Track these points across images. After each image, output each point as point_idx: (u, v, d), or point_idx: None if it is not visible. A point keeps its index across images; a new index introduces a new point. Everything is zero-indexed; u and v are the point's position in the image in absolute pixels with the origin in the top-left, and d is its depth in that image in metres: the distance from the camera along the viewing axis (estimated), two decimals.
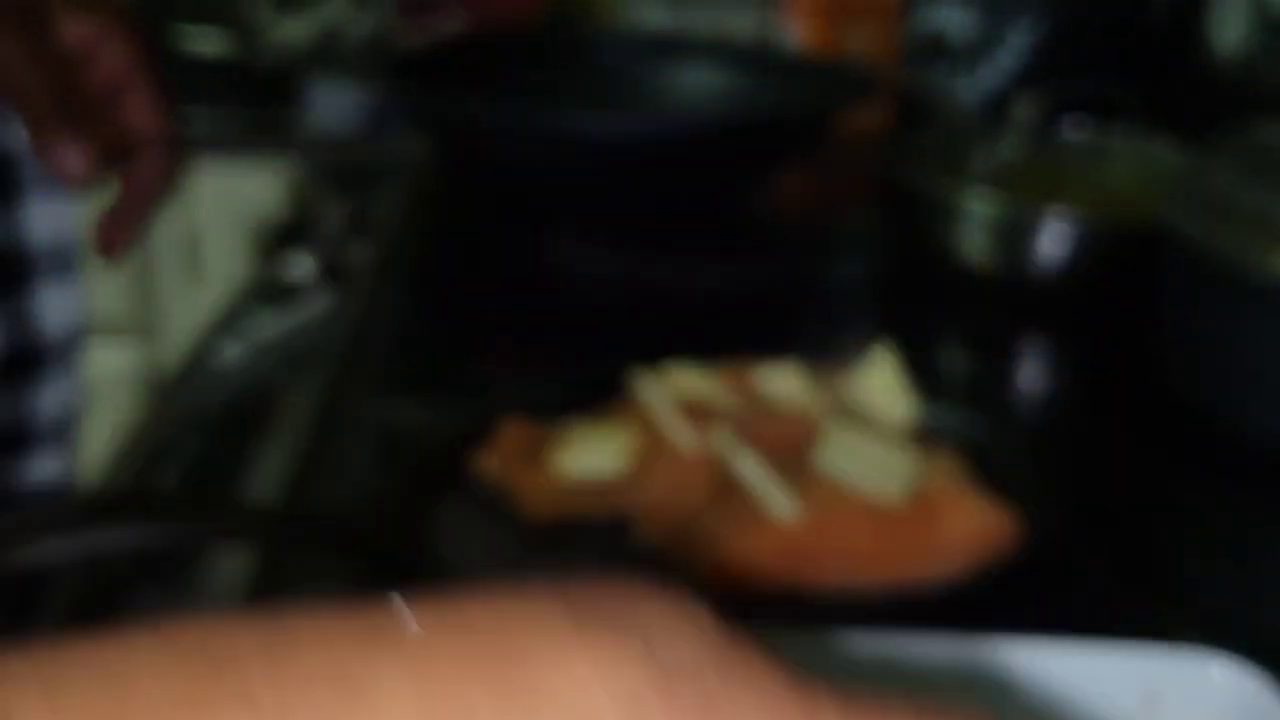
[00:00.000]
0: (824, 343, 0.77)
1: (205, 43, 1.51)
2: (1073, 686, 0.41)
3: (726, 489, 0.53)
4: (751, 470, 0.53)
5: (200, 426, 0.75)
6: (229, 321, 0.86)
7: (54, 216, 0.70)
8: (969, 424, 0.60)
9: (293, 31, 1.55)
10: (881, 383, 0.58)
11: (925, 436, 0.58)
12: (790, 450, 0.54)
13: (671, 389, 0.58)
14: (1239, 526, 0.61)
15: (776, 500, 0.51)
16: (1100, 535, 0.56)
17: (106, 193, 0.61)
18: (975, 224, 0.79)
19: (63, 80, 0.56)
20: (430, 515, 0.53)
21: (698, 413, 0.56)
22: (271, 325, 0.85)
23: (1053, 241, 0.77)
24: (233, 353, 0.83)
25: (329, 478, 0.61)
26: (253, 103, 1.28)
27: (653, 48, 1.06)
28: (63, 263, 0.71)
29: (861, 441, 0.54)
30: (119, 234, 0.62)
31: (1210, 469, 0.64)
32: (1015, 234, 0.77)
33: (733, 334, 0.76)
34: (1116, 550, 0.56)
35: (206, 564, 0.55)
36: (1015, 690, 0.41)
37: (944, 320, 0.83)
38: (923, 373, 0.60)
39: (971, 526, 0.52)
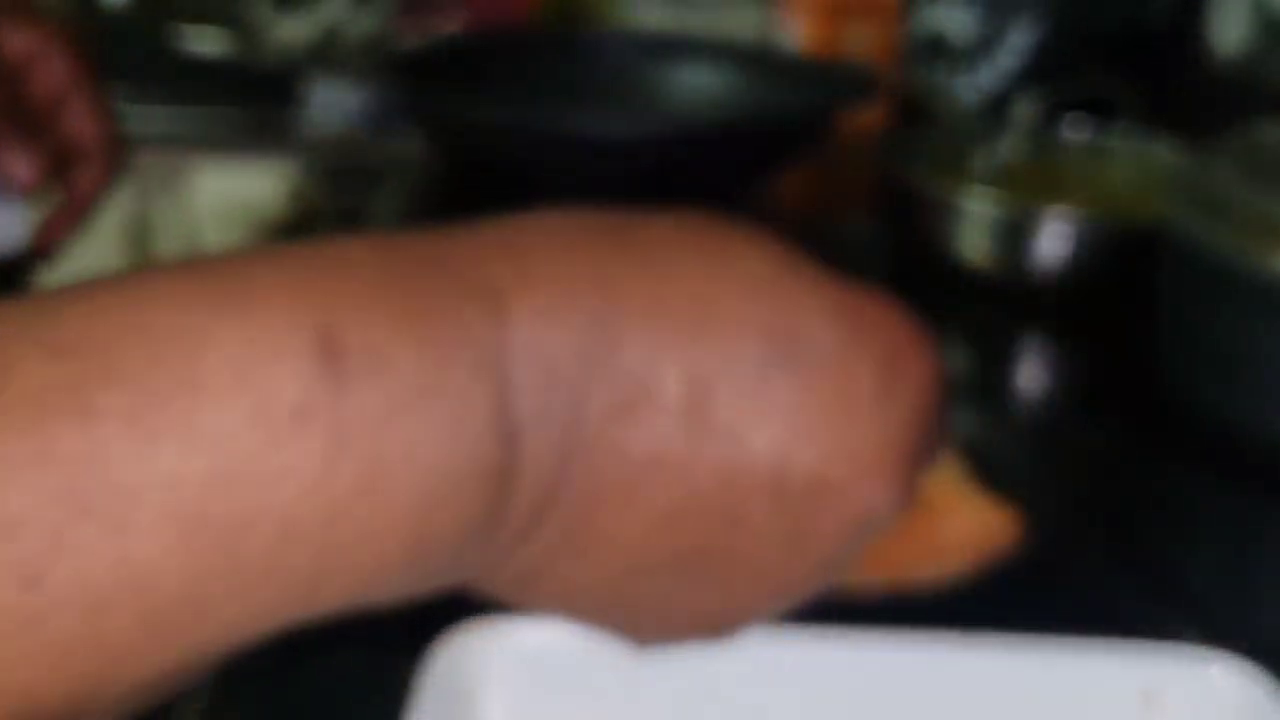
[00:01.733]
0: None
1: (205, 43, 1.51)
2: (1072, 686, 0.41)
3: None
4: None
5: None
6: None
7: (2, 223, 0.72)
8: (969, 424, 0.60)
9: (293, 31, 1.55)
10: None
11: None
12: None
13: None
14: (1239, 526, 0.61)
15: None
16: (1100, 535, 0.56)
17: (49, 198, 0.64)
18: (975, 224, 0.79)
19: (6, 91, 0.58)
20: None
21: None
22: None
23: (1053, 241, 0.77)
24: None
25: None
26: (253, 103, 1.28)
27: (653, 48, 1.06)
28: (12, 267, 0.74)
29: None
30: (57, 236, 0.65)
31: (1210, 469, 0.64)
32: (1015, 234, 0.78)
33: None
34: (1116, 550, 0.56)
35: None
36: (1014, 690, 0.41)
37: (944, 320, 0.82)
38: None
39: (972, 526, 0.52)
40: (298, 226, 1.00)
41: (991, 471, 0.56)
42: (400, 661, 0.40)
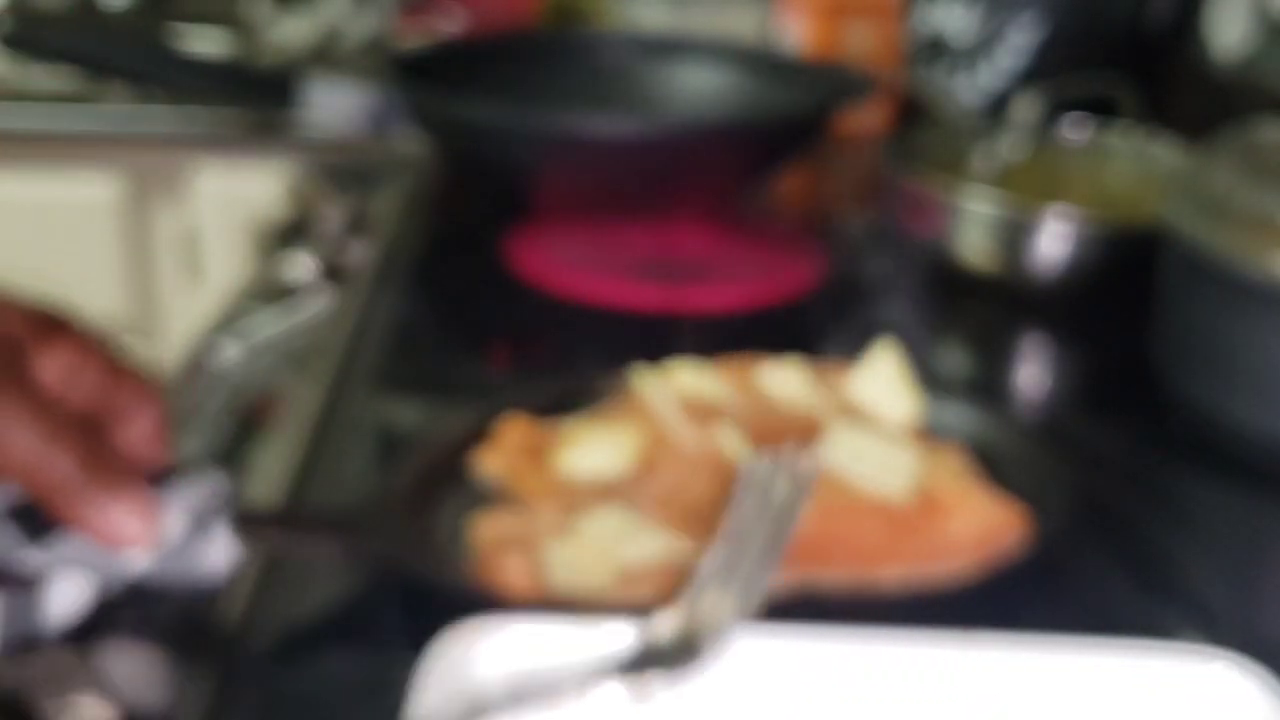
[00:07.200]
0: (826, 343, 0.77)
1: (205, 43, 1.51)
2: (1072, 686, 0.41)
3: (733, 487, 0.53)
4: None
5: (200, 426, 0.75)
6: (229, 321, 0.86)
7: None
8: (974, 422, 0.60)
9: (293, 31, 1.55)
10: (884, 380, 0.58)
11: (928, 434, 0.58)
12: (794, 448, 0.54)
13: (674, 387, 0.58)
14: (1239, 526, 0.61)
15: None
16: (1100, 535, 0.56)
17: None
18: (975, 224, 0.79)
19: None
20: (432, 514, 0.53)
21: (700, 411, 0.56)
22: (271, 325, 0.85)
23: (1053, 241, 0.77)
24: (233, 353, 0.83)
25: (329, 478, 0.61)
26: (253, 103, 1.28)
27: (653, 48, 1.06)
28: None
29: (866, 439, 0.54)
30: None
31: (1210, 469, 0.64)
32: (1015, 234, 0.78)
33: (734, 334, 0.76)
34: (1116, 550, 0.56)
35: None
36: (1014, 690, 0.41)
37: (944, 320, 0.83)
38: (923, 372, 0.60)
39: (979, 523, 0.52)
40: (298, 226, 1.00)
41: (995, 470, 0.56)
42: (400, 661, 0.40)
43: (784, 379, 0.59)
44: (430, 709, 0.38)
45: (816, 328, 0.80)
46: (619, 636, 0.41)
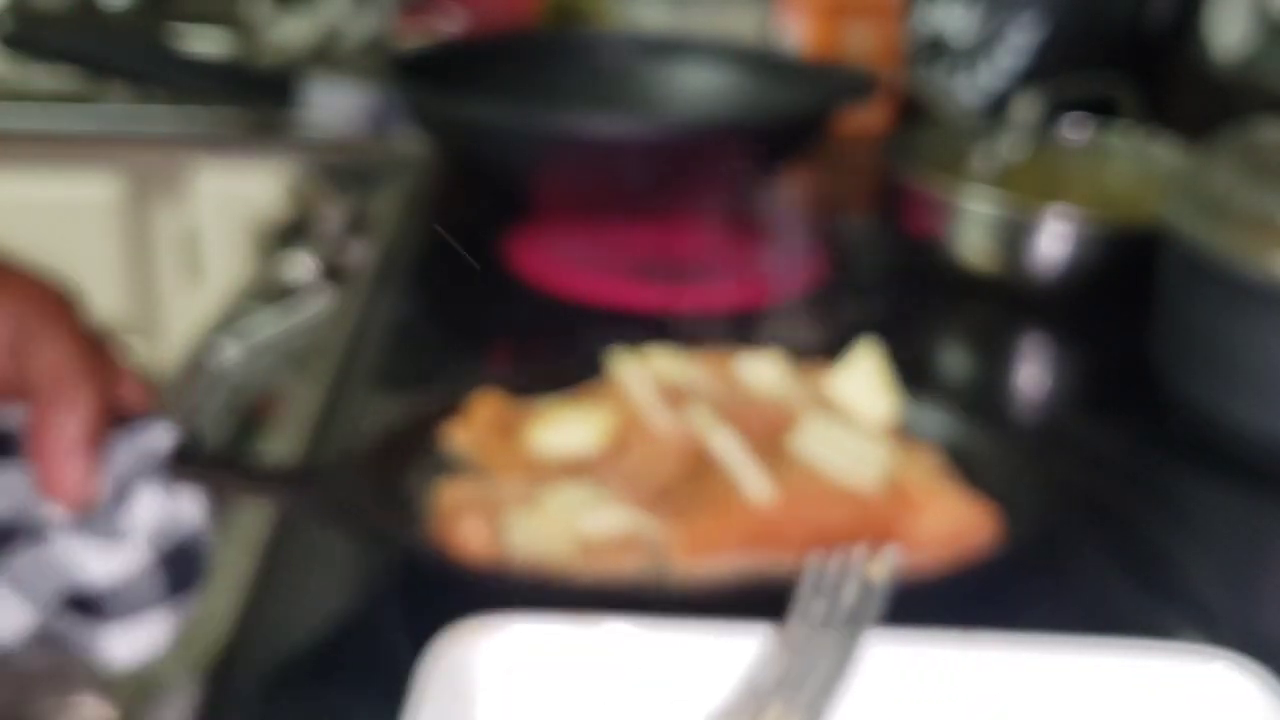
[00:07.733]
0: (824, 342, 0.77)
1: (205, 43, 1.51)
2: (1071, 686, 0.41)
3: (701, 469, 0.53)
4: (727, 448, 0.52)
5: (200, 426, 0.75)
6: (229, 321, 0.86)
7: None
8: (950, 426, 0.59)
9: (293, 31, 1.55)
10: (863, 379, 0.58)
11: (905, 434, 0.58)
12: (766, 435, 0.54)
13: (651, 372, 0.58)
14: (1239, 526, 0.61)
15: (750, 479, 0.51)
16: (1099, 534, 0.56)
17: None
18: (975, 224, 0.79)
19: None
20: (394, 478, 0.53)
21: (676, 396, 0.56)
22: (271, 325, 0.85)
23: (1053, 241, 0.77)
24: (233, 353, 0.83)
25: None
26: (253, 103, 1.28)
27: (653, 48, 1.06)
28: None
29: (838, 428, 0.54)
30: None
31: (1210, 469, 0.64)
32: (1015, 234, 0.78)
33: (733, 333, 0.76)
34: (1116, 550, 0.56)
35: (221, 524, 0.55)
36: (1014, 690, 0.41)
37: (943, 320, 0.82)
38: (921, 372, 0.60)
39: (947, 521, 0.51)
40: (298, 226, 1.00)
41: (973, 471, 0.55)
42: (400, 661, 0.40)
43: (761, 370, 0.59)
44: (430, 709, 0.38)
45: (816, 327, 0.80)
46: (617, 638, 0.41)
